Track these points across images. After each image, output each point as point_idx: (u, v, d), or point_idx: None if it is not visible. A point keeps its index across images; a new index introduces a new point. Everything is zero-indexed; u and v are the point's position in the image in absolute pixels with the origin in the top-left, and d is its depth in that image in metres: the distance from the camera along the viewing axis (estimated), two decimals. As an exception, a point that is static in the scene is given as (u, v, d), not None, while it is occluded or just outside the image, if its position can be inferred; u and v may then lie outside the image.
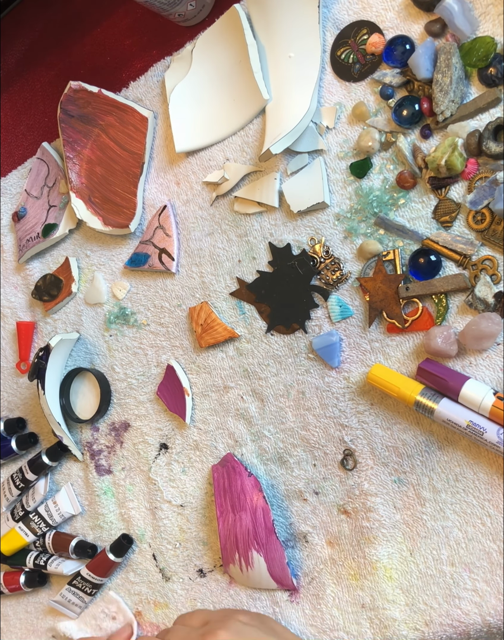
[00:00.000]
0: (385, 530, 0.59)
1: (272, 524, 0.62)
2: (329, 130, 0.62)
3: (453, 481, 0.57)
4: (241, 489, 0.63)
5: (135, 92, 0.74)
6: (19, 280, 0.82)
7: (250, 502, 0.63)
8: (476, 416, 0.53)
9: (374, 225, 0.60)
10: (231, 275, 0.68)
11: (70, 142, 0.75)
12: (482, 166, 0.55)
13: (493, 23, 0.54)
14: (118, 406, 0.74)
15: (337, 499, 0.62)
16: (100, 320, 0.76)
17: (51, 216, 0.78)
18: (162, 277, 0.72)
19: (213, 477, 0.66)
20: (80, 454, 0.76)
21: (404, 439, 0.59)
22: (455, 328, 0.56)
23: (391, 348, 0.59)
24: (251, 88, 0.64)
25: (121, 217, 0.73)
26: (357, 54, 0.60)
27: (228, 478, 0.65)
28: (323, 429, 0.62)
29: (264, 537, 0.62)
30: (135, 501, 0.73)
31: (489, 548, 0.55)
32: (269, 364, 0.65)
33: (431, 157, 0.55)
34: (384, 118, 0.59)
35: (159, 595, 0.71)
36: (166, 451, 0.71)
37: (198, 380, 0.69)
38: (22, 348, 0.81)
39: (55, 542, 0.75)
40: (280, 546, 0.61)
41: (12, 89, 0.85)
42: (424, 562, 0.57)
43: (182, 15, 0.68)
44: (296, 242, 0.64)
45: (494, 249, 0.54)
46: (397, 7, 0.58)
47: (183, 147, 0.69)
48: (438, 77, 0.54)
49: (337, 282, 0.61)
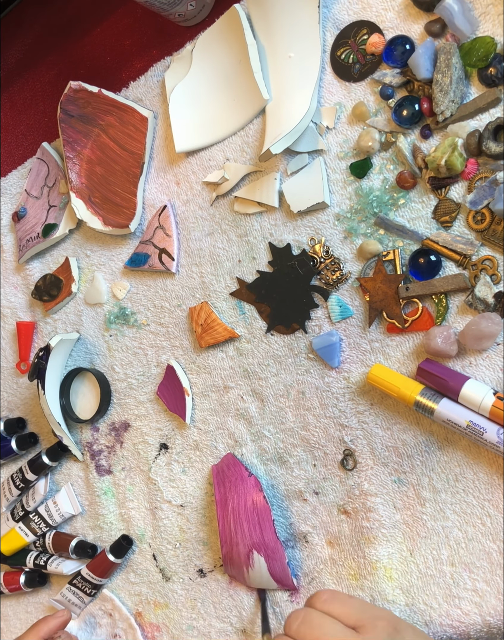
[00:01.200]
0: (385, 530, 0.59)
1: (273, 524, 0.62)
2: (329, 130, 0.62)
3: (453, 481, 0.57)
4: (241, 489, 0.63)
5: (135, 92, 0.74)
6: (19, 280, 0.82)
7: (250, 502, 0.63)
8: (476, 416, 0.53)
9: (374, 225, 0.60)
10: (231, 275, 0.68)
11: (70, 142, 0.75)
12: (482, 166, 0.55)
13: (493, 23, 0.54)
14: (118, 406, 0.74)
15: (337, 499, 0.62)
16: (100, 320, 0.76)
17: (51, 216, 0.78)
18: (162, 277, 0.72)
19: (213, 477, 0.66)
20: (80, 454, 0.76)
21: (404, 439, 0.59)
22: (455, 328, 0.56)
23: (391, 348, 0.59)
24: (251, 88, 0.64)
25: (121, 217, 0.73)
26: (357, 54, 0.60)
27: (228, 478, 0.65)
28: (323, 429, 0.62)
29: (264, 537, 0.62)
30: (135, 501, 0.73)
31: (489, 548, 0.55)
32: (269, 364, 0.65)
33: (431, 157, 0.55)
34: (384, 118, 0.59)
35: (159, 595, 0.71)
36: (166, 451, 0.71)
37: (198, 380, 0.69)
38: (22, 348, 0.81)
39: (55, 542, 0.75)
40: (280, 546, 0.61)
41: (12, 89, 0.85)
42: (424, 562, 0.57)
43: (182, 15, 0.68)
44: (296, 242, 0.64)
45: (494, 249, 0.54)
46: (397, 7, 0.58)
47: (183, 147, 0.69)
48: (438, 77, 0.54)
49: (337, 282, 0.61)
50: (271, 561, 0.61)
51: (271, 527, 0.62)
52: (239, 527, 0.62)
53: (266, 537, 0.62)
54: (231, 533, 0.63)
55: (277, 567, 0.62)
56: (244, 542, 0.62)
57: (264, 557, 0.61)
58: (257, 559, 0.62)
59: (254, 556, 0.62)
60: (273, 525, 0.62)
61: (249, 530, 0.62)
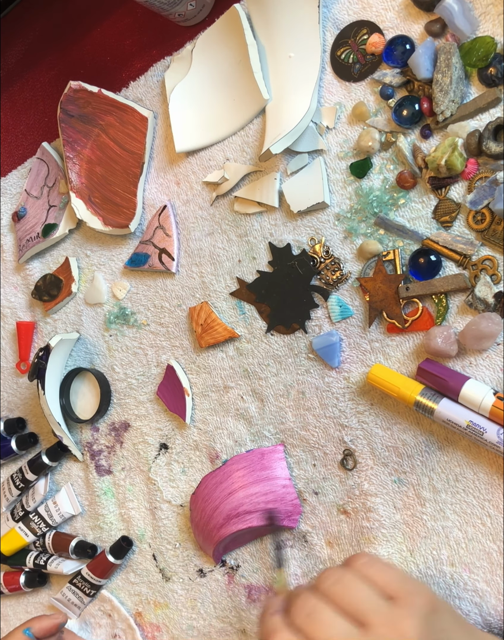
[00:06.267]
0: (385, 530, 0.59)
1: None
2: (329, 130, 0.62)
3: (453, 481, 0.57)
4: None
5: (135, 92, 0.74)
6: (19, 280, 0.82)
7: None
8: (476, 416, 0.53)
9: (374, 225, 0.60)
10: (231, 275, 0.68)
11: (70, 142, 0.75)
12: (482, 166, 0.55)
13: (493, 23, 0.54)
14: (118, 406, 0.74)
15: (337, 499, 0.62)
16: (100, 320, 0.76)
17: (51, 216, 0.78)
18: (162, 277, 0.72)
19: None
20: (80, 454, 0.76)
21: (404, 439, 0.59)
22: (455, 328, 0.56)
23: (391, 348, 0.59)
24: (251, 88, 0.64)
25: (121, 217, 0.73)
26: (357, 54, 0.60)
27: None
28: (323, 429, 0.62)
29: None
30: (135, 501, 0.73)
31: (489, 548, 0.55)
32: (269, 364, 0.65)
33: (431, 157, 0.55)
34: (384, 118, 0.59)
35: (159, 595, 0.71)
36: (165, 451, 0.71)
37: (198, 380, 0.69)
38: (22, 348, 0.81)
39: (55, 542, 0.75)
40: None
41: (12, 89, 0.85)
42: (424, 562, 0.57)
43: (182, 15, 0.68)
44: (296, 242, 0.64)
45: (494, 249, 0.54)
46: (397, 7, 0.58)
47: (183, 147, 0.69)
48: (438, 77, 0.54)
49: (337, 282, 0.61)
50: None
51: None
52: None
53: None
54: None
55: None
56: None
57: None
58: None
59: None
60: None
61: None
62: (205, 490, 0.65)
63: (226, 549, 0.66)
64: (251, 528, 0.62)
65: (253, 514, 0.62)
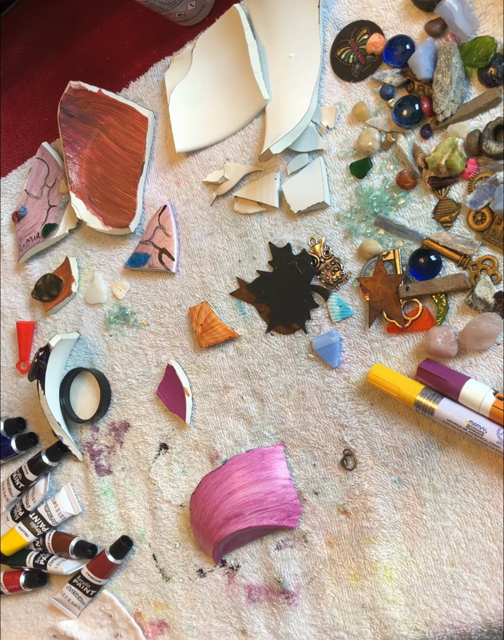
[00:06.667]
0: (385, 530, 0.59)
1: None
2: (329, 130, 0.62)
3: (453, 481, 0.57)
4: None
5: (135, 92, 0.73)
6: (19, 280, 0.82)
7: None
8: (476, 416, 0.53)
9: (374, 225, 0.60)
10: (231, 275, 0.68)
11: (70, 142, 0.75)
12: (482, 166, 0.55)
13: (493, 23, 0.54)
14: (118, 406, 0.74)
15: (337, 499, 0.62)
16: (100, 320, 0.76)
17: (51, 216, 0.78)
18: (162, 277, 0.72)
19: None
20: (80, 454, 0.76)
21: (404, 439, 0.59)
22: (455, 328, 0.56)
23: (391, 348, 0.59)
24: (251, 88, 0.64)
25: (121, 217, 0.73)
26: (358, 54, 0.60)
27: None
28: (323, 429, 0.62)
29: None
30: (135, 501, 0.73)
31: (489, 548, 0.55)
32: (269, 364, 0.65)
33: (431, 157, 0.55)
34: (384, 118, 0.59)
35: (159, 595, 0.71)
36: (165, 451, 0.71)
37: (198, 380, 0.69)
38: (22, 348, 0.80)
39: (55, 542, 0.75)
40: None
41: (12, 89, 0.85)
42: (424, 562, 0.57)
43: (182, 15, 0.68)
44: (296, 242, 0.64)
45: (494, 249, 0.54)
46: (397, 7, 0.58)
47: (183, 147, 0.69)
48: (438, 77, 0.54)
49: (337, 282, 0.61)
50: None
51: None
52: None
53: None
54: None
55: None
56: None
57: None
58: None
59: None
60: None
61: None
62: (205, 490, 0.65)
63: (226, 549, 0.66)
64: (250, 528, 0.62)
65: (253, 514, 0.62)
